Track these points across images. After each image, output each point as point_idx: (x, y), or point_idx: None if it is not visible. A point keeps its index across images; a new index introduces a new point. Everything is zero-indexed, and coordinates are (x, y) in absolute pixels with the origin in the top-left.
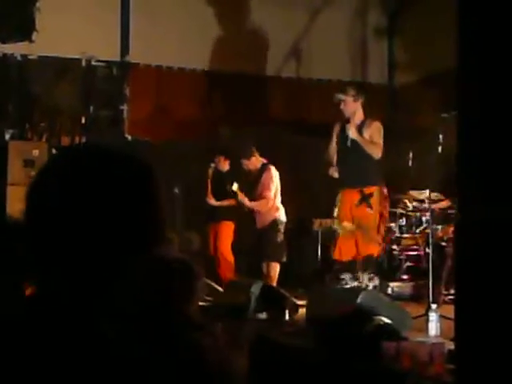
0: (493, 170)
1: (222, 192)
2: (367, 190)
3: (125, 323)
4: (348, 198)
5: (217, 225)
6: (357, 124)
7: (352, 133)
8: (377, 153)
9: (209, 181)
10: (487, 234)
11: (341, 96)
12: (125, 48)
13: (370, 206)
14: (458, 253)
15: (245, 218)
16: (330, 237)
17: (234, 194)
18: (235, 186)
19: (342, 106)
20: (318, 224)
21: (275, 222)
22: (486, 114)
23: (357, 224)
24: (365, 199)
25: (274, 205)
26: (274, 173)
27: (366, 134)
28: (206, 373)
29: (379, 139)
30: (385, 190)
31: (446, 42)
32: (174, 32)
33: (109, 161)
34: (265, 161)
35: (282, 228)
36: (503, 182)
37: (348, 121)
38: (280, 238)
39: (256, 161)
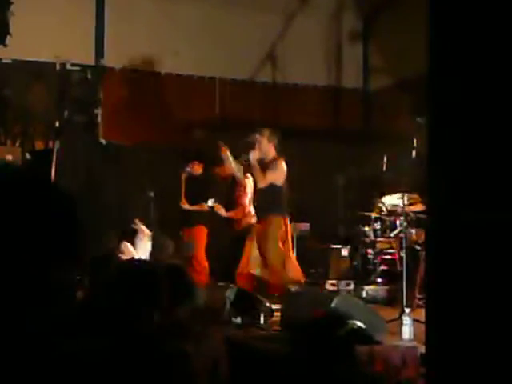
0: (463, 175)
1: (196, 196)
2: None
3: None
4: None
5: (190, 229)
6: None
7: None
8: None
9: (182, 185)
10: (458, 238)
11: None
12: (99, 52)
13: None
14: (428, 256)
15: (218, 223)
16: None
17: (211, 209)
18: (211, 202)
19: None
20: None
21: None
22: (457, 118)
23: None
24: None
25: (249, 211)
26: (250, 180)
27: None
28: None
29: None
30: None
31: (420, 46)
32: (148, 35)
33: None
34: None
35: None
36: (474, 186)
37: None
38: None
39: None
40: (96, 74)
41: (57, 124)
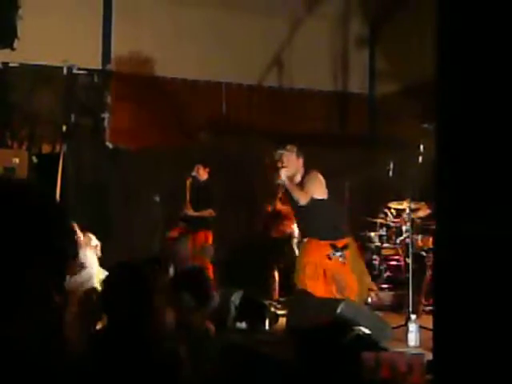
0: (471, 184)
1: (201, 202)
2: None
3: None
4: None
5: (195, 234)
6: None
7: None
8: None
9: (187, 191)
10: (466, 247)
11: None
12: (106, 56)
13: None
14: (436, 265)
15: (223, 228)
16: None
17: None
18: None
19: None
20: None
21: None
22: (465, 126)
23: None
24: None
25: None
26: None
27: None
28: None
29: (310, 187)
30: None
31: (427, 51)
32: (155, 40)
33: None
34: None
35: None
36: (483, 195)
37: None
38: None
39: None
40: (103, 78)
41: (64, 128)
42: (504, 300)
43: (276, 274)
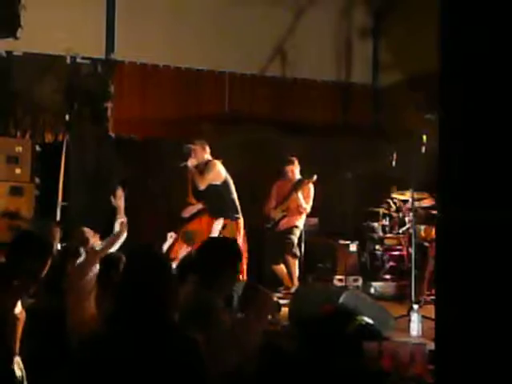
0: (474, 172)
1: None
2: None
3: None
4: None
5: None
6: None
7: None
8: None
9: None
10: (468, 236)
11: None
12: (110, 45)
13: None
14: (438, 253)
15: None
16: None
17: None
18: None
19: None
20: None
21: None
22: (468, 117)
23: None
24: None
25: None
26: None
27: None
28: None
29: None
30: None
31: (431, 42)
32: (159, 29)
33: None
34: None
35: None
36: (484, 184)
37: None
38: None
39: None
40: (106, 67)
41: (67, 117)
42: (507, 289)
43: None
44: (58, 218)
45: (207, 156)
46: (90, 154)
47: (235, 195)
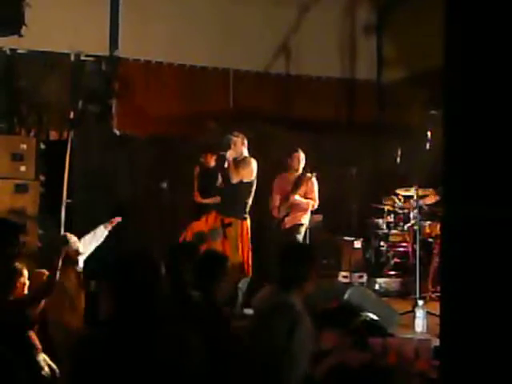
0: (479, 169)
1: (209, 189)
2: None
3: None
4: None
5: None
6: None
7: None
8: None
9: (195, 178)
10: (473, 232)
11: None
12: (114, 43)
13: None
14: (443, 249)
15: None
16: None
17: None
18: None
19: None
20: None
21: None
22: (473, 113)
23: None
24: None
25: None
26: None
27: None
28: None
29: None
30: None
31: (435, 38)
32: (163, 27)
33: None
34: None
35: None
36: (490, 180)
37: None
38: None
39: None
40: (110, 64)
41: (71, 114)
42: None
43: None
44: (63, 215)
45: (245, 150)
46: (95, 152)
47: (251, 199)
